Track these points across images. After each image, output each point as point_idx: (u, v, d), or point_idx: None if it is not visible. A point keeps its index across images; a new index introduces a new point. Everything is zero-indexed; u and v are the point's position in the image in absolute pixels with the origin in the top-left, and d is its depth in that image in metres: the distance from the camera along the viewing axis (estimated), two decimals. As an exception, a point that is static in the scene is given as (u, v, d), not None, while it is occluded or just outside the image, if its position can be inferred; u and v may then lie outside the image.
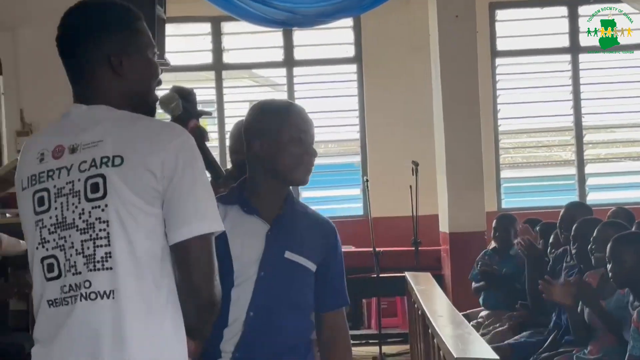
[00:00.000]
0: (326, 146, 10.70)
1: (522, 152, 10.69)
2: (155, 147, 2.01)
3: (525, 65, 10.23)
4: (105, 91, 2.12)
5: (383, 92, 9.73)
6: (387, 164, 9.51)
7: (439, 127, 8.31)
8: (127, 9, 2.17)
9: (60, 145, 2.09)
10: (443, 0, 8.20)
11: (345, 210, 10.10)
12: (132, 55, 2.14)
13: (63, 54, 2.16)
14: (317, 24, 8.59)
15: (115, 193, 1.99)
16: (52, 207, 2.05)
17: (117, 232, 1.99)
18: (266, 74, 10.77)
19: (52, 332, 2.04)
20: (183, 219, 2.00)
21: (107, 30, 2.12)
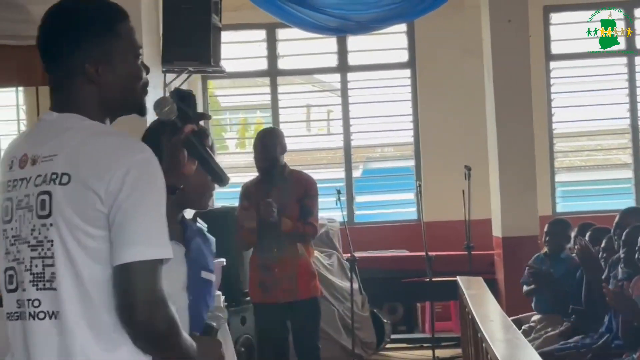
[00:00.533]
0: (381, 150, 10.77)
1: (578, 156, 10.60)
2: (103, 167, 1.89)
3: (581, 68, 10.19)
4: (80, 99, 2.02)
5: (436, 97, 9.76)
6: (440, 168, 9.53)
7: (492, 131, 8.30)
8: (106, 8, 2.07)
9: (26, 154, 2.00)
10: (495, 5, 8.19)
11: (399, 214, 10.16)
12: (111, 61, 2.03)
13: (43, 58, 2.07)
14: (370, 30, 8.62)
15: (59, 212, 1.90)
16: (13, 219, 2.00)
17: (60, 252, 1.91)
18: (320, 80, 10.84)
19: (18, 346, 2.00)
20: (126, 241, 1.87)
21: (83, 35, 2.01)
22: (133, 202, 1.88)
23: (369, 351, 8.07)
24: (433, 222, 8.59)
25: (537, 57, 9.30)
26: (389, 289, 8.76)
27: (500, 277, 8.21)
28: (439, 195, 9.19)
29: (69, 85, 2.03)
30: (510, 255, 7.91)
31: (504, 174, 8.13)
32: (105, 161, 1.89)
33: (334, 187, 8.79)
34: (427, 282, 7.99)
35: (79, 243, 1.89)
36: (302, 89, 10.78)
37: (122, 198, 1.87)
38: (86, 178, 1.88)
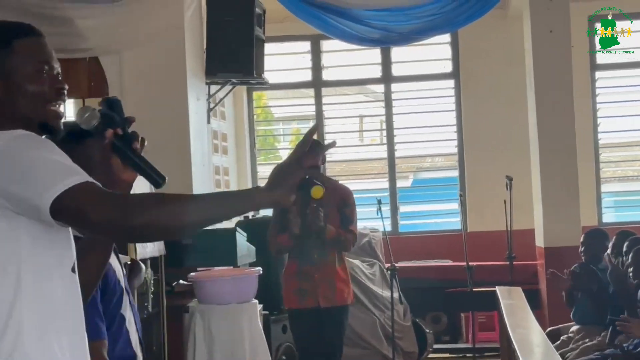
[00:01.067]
0: (424, 161, 10.79)
1: (624, 166, 10.51)
2: None
3: (628, 78, 10.11)
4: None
5: (480, 107, 9.72)
6: (483, 178, 9.50)
7: (534, 141, 8.28)
8: (6, 27, 2.14)
9: None
10: (538, 15, 8.17)
11: (444, 224, 10.16)
12: (8, 77, 2.07)
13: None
14: (412, 41, 8.61)
15: None
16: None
17: None
18: (365, 91, 10.87)
19: None
20: (33, 194, 1.88)
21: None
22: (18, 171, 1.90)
23: None
24: (475, 232, 8.61)
25: (582, 67, 9.26)
26: (432, 298, 8.76)
27: (542, 288, 8.17)
28: (481, 205, 9.20)
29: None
30: (553, 265, 7.82)
31: (546, 184, 8.09)
32: None
33: (377, 197, 8.83)
34: (468, 292, 8.00)
35: None
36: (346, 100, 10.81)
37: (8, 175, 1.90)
38: None
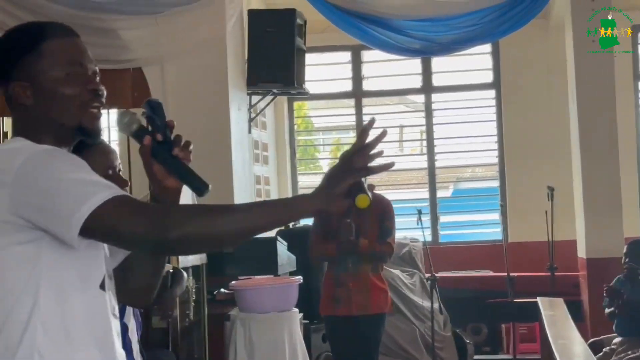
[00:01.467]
0: (465, 171, 10.77)
1: None
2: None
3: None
4: (20, 122, 2.01)
5: (521, 117, 9.70)
6: (524, 188, 9.47)
7: (576, 151, 8.23)
8: (33, 28, 2.04)
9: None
10: (579, 24, 8.12)
11: (484, 235, 10.12)
12: (37, 81, 1.97)
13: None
14: (453, 51, 8.60)
15: None
16: None
17: None
18: (404, 101, 10.88)
19: None
20: (61, 216, 1.78)
21: (9, 57, 1.98)
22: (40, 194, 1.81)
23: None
24: (516, 242, 8.58)
25: (625, 76, 9.21)
26: (472, 309, 8.72)
27: (585, 299, 8.11)
28: (522, 216, 9.15)
29: (12, 110, 2.02)
30: (595, 276, 7.80)
31: (589, 194, 8.03)
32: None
33: (417, 207, 8.84)
34: (509, 303, 7.96)
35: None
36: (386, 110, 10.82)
37: (28, 198, 1.81)
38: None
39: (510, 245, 8.17)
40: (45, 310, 1.86)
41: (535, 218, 8.40)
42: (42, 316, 1.85)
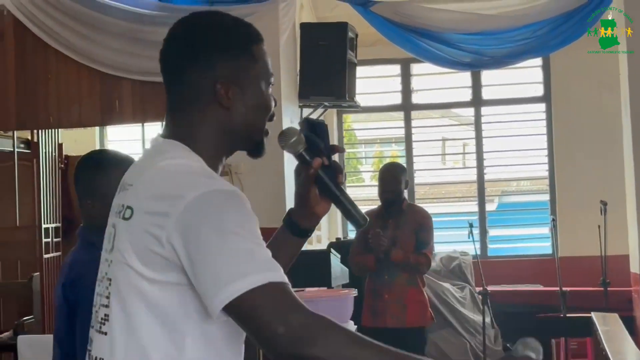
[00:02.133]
0: (516, 185, 10.75)
1: None
2: (164, 207, 1.66)
3: None
4: (195, 125, 1.81)
5: (572, 131, 9.69)
6: (575, 202, 9.45)
7: (629, 166, 8.17)
8: (247, 28, 1.85)
9: (123, 182, 1.86)
10: (633, 38, 8.12)
11: (533, 249, 10.10)
12: (242, 85, 1.80)
13: (164, 75, 1.87)
14: (504, 65, 8.61)
15: (118, 249, 1.73)
16: (106, 249, 1.85)
17: (115, 293, 1.72)
18: (455, 114, 10.90)
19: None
20: (212, 288, 1.60)
21: (220, 52, 1.80)
22: (198, 247, 1.62)
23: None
24: (568, 257, 8.55)
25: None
26: (522, 323, 8.66)
27: (638, 315, 8.05)
28: (574, 230, 9.12)
29: (191, 107, 1.81)
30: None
31: (643, 211, 8.00)
32: (165, 199, 1.67)
33: (467, 220, 8.84)
34: (561, 317, 7.93)
35: (134, 285, 1.68)
36: (435, 123, 10.85)
37: (190, 238, 1.63)
38: (145, 216, 1.68)
39: (561, 260, 8.15)
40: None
41: (587, 232, 8.35)
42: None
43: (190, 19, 1.86)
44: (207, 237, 1.61)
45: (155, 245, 1.64)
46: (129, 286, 1.68)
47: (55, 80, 8.18)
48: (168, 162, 1.73)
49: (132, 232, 1.69)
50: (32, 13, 7.90)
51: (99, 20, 7.82)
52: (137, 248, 1.67)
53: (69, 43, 7.92)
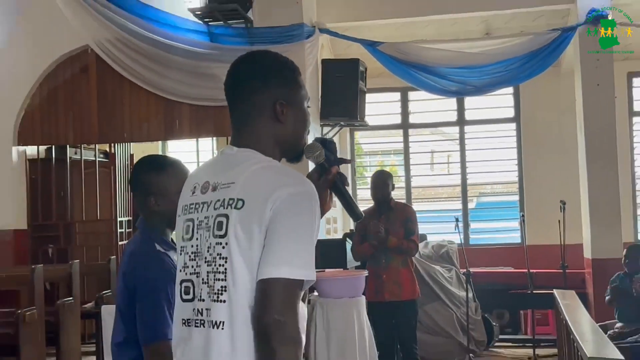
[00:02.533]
0: (491, 187, 10.73)
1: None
2: (265, 196, 1.72)
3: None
4: (259, 136, 1.86)
5: (537, 146, 9.67)
6: (540, 202, 9.43)
7: (583, 173, 8.17)
8: (292, 63, 1.93)
9: (207, 182, 1.85)
10: (587, 71, 8.07)
11: (506, 239, 10.07)
12: (293, 105, 1.87)
13: (232, 98, 1.90)
14: (484, 92, 8.58)
15: (233, 233, 1.74)
16: (194, 237, 1.84)
17: (231, 268, 1.74)
18: (442, 131, 10.88)
19: (179, 350, 1.85)
20: (271, 260, 1.68)
21: (277, 80, 1.86)
22: (282, 227, 1.70)
23: (480, 348, 8.01)
24: (534, 245, 8.52)
25: (622, 114, 9.16)
26: (497, 298, 8.67)
27: (590, 292, 8.02)
28: (538, 224, 9.11)
29: (255, 122, 1.87)
30: (599, 273, 7.73)
31: (593, 207, 7.97)
32: (268, 191, 1.73)
33: (453, 215, 8.85)
34: (528, 293, 7.92)
35: (245, 260, 1.72)
36: (427, 139, 10.83)
37: (274, 223, 1.71)
38: (255, 205, 1.73)
39: (528, 247, 8.15)
40: None
41: (549, 226, 8.31)
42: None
43: (251, 55, 1.92)
44: (283, 227, 1.70)
45: (259, 224, 1.71)
46: (241, 262, 1.73)
47: (128, 104, 8.26)
48: (260, 165, 1.80)
49: (245, 216, 1.73)
50: (110, 51, 7.96)
51: (164, 57, 7.86)
52: (247, 226, 1.72)
53: (139, 75, 7.98)
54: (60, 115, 8.36)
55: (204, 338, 1.77)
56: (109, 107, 8.27)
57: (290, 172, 1.80)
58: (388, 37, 8.38)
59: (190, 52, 7.79)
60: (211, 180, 1.84)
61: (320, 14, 8.29)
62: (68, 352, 7.44)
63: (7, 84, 8.31)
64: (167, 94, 7.99)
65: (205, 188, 1.85)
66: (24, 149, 8.54)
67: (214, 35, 7.84)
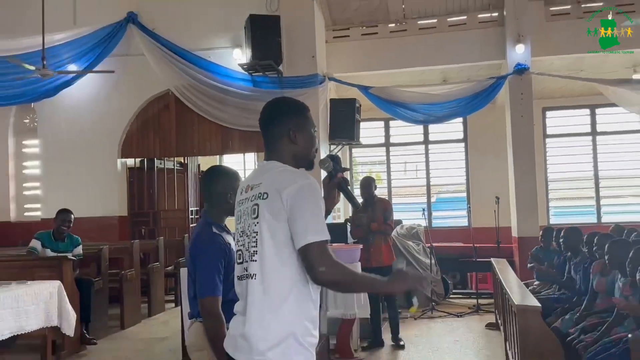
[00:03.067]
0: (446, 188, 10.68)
1: (564, 188, 10.14)
2: (284, 188, 1.73)
3: (565, 140, 9.89)
4: (281, 152, 1.87)
5: (480, 158, 9.65)
6: (481, 198, 9.42)
7: (511, 177, 8.18)
8: (302, 104, 1.94)
9: (249, 184, 1.88)
10: (514, 107, 8.07)
11: (457, 223, 10.00)
12: (302, 131, 1.88)
13: (263, 128, 1.91)
14: (443, 121, 8.55)
15: (262, 215, 1.76)
16: (241, 222, 1.87)
17: (260, 238, 1.76)
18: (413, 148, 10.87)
19: (243, 295, 1.81)
20: (299, 233, 1.69)
21: (290, 116, 1.88)
22: (299, 208, 1.71)
23: (440, 298, 8.00)
24: (477, 227, 8.54)
25: (539, 136, 9.17)
26: (451, 264, 8.63)
27: (516, 260, 8.01)
28: (480, 213, 9.08)
29: (277, 143, 1.88)
30: (523, 247, 7.71)
31: (518, 201, 7.96)
32: (285, 185, 1.75)
33: (420, 207, 8.88)
34: (473, 261, 7.96)
35: (271, 233, 1.74)
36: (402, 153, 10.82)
37: (294, 206, 1.72)
38: (276, 195, 1.75)
39: (473, 229, 8.17)
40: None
41: (487, 214, 8.31)
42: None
43: (275, 101, 1.95)
44: (302, 206, 1.71)
45: (280, 207, 1.73)
46: (267, 233, 1.74)
47: (197, 129, 8.31)
48: (278, 170, 1.83)
49: (269, 203, 1.76)
50: (184, 93, 8.02)
51: (221, 97, 7.92)
52: (272, 210, 1.74)
53: (204, 109, 8.02)
54: (150, 137, 8.43)
55: (245, 288, 1.79)
56: (183, 131, 8.32)
57: (298, 172, 1.82)
58: (375, 83, 8.41)
59: (239, 94, 7.84)
60: (250, 183, 1.88)
61: (329, 67, 8.35)
62: (156, 300, 7.52)
63: (115, 116, 8.40)
64: (223, 122, 8.02)
65: (248, 189, 1.88)
66: (125, 161, 8.62)
67: (255, 82, 7.88)
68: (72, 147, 8.40)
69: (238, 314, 1.81)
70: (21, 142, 9.00)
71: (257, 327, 1.71)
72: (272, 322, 1.70)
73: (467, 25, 8.32)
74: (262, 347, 1.69)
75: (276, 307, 1.70)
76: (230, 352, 1.77)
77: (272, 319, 1.70)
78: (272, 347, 1.69)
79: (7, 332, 3.43)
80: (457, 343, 5.85)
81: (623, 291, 3.85)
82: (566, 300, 5.09)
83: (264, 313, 1.71)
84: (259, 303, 1.72)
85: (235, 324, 1.79)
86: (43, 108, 8.47)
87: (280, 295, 1.71)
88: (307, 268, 1.69)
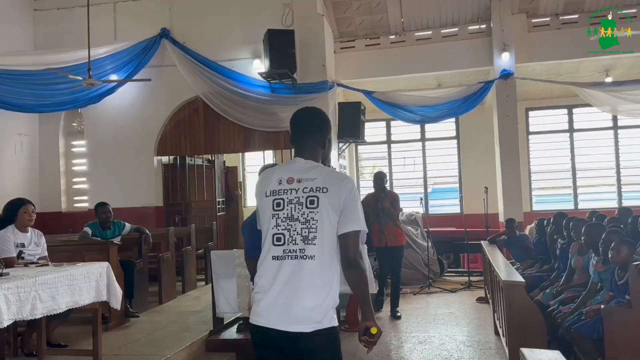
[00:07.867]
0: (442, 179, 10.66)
1: (545, 178, 10.16)
2: (340, 185, 1.81)
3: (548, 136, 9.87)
4: (317, 154, 1.92)
5: (470, 153, 9.65)
6: (472, 188, 9.40)
7: (498, 170, 8.18)
8: (328, 118, 2.00)
9: (292, 177, 1.87)
10: (500, 108, 8.09)
11: (451, 210, 9.99)
12: (330, 141, 1.98)
13: (302, 132, 1.93)
14: (438, 120, 8.52)
15: (323, 206, 1.80)
16: (285, 209, 1.83)
17: (321, 225, 1.79)
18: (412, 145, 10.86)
19: (270, 281, 1.81)
20: (347, 222, 1.78)
21: (328, 129, 1.96)
22: (350, 203, 1.81)
23: (436, 277, 7.99)
24: (468, 214, 8.56)
25: (522, 133, 9.16)
26: (447, 246, 8.63)
27: (502, 242, 8.06)
28: (471, 201, 9.09)
29: (314, 148, 1.92)
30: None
31: (505, 190, 7.98)
32: (340, 182, 1.83)
33: (419, 196, 8.88)
34: (465, 243, 7.96)
35: (329, 220, 1.80)
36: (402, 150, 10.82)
37: (346, 201, 1.81)
38: (335, 190, 1.82)
39: (465, 216, 8.16)
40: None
41: (477, 202, 8.29)
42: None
43: (320, 112, 1.97)
44: (351, 204, 1.81)
45: (339, 200, 1.81)
46: (327, 221, 1.80)
47: (222, 130, 8.33)
48: (328, 169, 1.90)
49: (329, 196, 1.81)
50: (211, 99, 8.04)
51: (243, 102, 7.93)
52: (332, 202, 1.81)
53: (228, 113, 8.02)
54: (181, 137, 8.47)
55: (294, 266, 1.78)
56: (210, 132, 8.33)
57: (343, 174, 1.94)
58: (378, 88, 8.44)
59: (258, 99, 7.85)
60: (295, 176, 1.88)
61: (337, 75, 8.37)
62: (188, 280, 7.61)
63: (151, 119, 8.47)
64: (245, 124, 8.02)
65: (291, 180, 1.87)
66: (160, 158, 8.67)
67: (273, 89, 7.88)
68: (114, 147, 8.50)
69: (272, 290, 1.79)
70: (70, 142, 9.12)
71: (313, 299, 1.76)
72: (327, 295, 1.78)
73: (459, 36, 8.32)
74: (317, 317, 1.76)
75: (330, 282, 1.79)
76: (271, 324, 1.77)
77: (327, 292, 1.78)
78: (325, 315, 1.77)
79: (64, 306, 3.53)
80: (451, 315, 5.90)
81: (596, 268, 3.87)
82: (546, 277, 5.09)
83: (318, 287, 1.77)
84: (316, 279, 1.77)
85: (273, 298, 1.78)
86: (89, 113, 8.57)
87: (333, 273, 1.79)
88: (345, 249, 1.76)
